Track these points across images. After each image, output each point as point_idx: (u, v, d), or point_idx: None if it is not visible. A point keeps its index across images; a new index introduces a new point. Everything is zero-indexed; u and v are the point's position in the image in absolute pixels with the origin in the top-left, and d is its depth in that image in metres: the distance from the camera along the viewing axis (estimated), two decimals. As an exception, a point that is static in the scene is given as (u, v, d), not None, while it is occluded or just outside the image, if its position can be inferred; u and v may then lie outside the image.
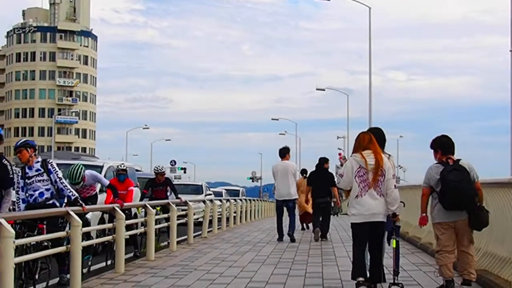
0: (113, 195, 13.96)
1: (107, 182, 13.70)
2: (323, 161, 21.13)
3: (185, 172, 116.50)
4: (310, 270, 12.70)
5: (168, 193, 21.64)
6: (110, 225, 13.24)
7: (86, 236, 13.11)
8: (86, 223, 12.93)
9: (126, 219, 15.29)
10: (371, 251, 9.98)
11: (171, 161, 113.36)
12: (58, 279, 11.15)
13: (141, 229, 15.76)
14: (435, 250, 10.19)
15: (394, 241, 10.00)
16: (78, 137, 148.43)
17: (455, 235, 9.70)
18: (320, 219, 20.52)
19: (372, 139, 9.90)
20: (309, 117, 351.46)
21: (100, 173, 18.99)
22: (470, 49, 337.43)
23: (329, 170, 21.99)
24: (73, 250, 10.22)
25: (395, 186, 9.85)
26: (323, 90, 76.13)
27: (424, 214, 9.94)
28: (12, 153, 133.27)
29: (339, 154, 16.63)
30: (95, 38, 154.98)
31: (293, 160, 21.37)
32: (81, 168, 12.83)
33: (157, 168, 19.49)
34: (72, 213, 10.27)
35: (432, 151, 10.02)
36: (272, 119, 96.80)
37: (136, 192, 20.40)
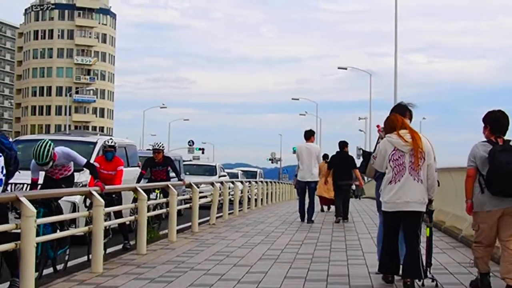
0: (92, 176, 11.47)
1: (83, 160, 11.17)
2: (343, 144, 21.54)
3: (203, 152, 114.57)
4: (333, 272, 10.21)
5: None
6: (86, 213, 10.82)
7: (60, 225, 10.73)
8: (58, 210, 10.55)
9: (117, 204, 13.02)
10: (406, 243, 8.82)
11: (189, 141, 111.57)
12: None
13: (131, 217, 13.27)
14: (473, 240, 8.96)
15: (428, 228, 8.99)
16: (96, 116, 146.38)
17: (498, 227, 8.54)
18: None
19: (405, 120, 9.03)
20: (329, 99, 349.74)
21: (93, 150, 16.75)
22: (491, 32, 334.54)
23: (349, 153, 22.34)
24: (24, 247, 7.80)
25: (436, 170, 8.81)
26: (345, 69, 74.06)
27: (470, 201, 8.64)
28: (29, 131, 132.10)
29: (377, 126, 14.92)
30: (113, 16, 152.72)
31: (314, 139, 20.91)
32: (49, 145, 10.33)
33: (154, 144, 17.13)
34: (23, 199, 7.83)
35: (483, 126, 8.78)
36: (293, 98, 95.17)
37: (135, 172, 17.95)
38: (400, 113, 9.28)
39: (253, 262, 11.23)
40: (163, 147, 17.10)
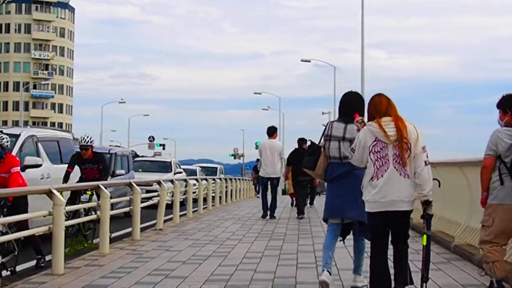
0: None
1: None
2: (301, 141, 21.49)
3: (164, 148, 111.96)
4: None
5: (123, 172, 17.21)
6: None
7: None
8: None
9: (19, 212, 10.26)
10: (394, 245, 7.60)
11: (149, 137, 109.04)
12: None
13: (43, 228, 10.44)
14: (481, 240, 7.86)
15: (425, 236, 7.58)
16: (54, 111, 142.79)
17: None
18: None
19: (391, 102, 7.63)
20: (293, 94, 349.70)
21: (15, 144, 14.12)
22: (449, 29, 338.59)
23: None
24: None
25: (426, 162, 7.40)
26: (309, 61, 71.31)
27: (486, 193, 7.79)
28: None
29: (355, 115, 12.81)
30: (72, 10, 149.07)
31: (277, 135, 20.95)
32: None
33: (80, 139, 14.39)
34: None
35: (498, 111, 7.91)
36: (255, 93, 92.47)
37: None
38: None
39: (196, 286, 8.67)
40: (91, 142, 14.37)
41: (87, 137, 14.29)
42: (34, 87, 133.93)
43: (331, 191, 8.57)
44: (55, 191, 9.90)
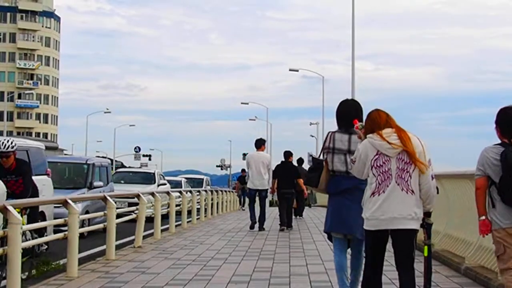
0: None
1: None
2: (288, 154, 21.90)
3: (150, 159, 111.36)
4: None
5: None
6: None
7: None
8: None
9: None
10: (399, 271, 6.93)
11: (135, 148, 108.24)
12: None
13: None
14: (499, 268, 7.06)
15: (426, 247, 7.13)
16: (39, 122, 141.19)
17: None
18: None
19: (390, 116, 7.13)
20: (280, 106, 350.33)
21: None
22: (436, 40, 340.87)
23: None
24: None
25: (432, 176, 6.92)
26: (297, 71, 70.86)
27: (483, 218, 6.94)
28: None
29: (354, 121, 12.21)
30: (58, 19, 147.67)
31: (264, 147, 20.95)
32: None
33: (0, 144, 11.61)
34: None
35: (495, 127, 7.10)
36: (242, 103, 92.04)
37: (41, 183, 13.88)
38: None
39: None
40: (13, 148, 11.65)
41: (8, 141, 11.57)
42: (19, 97, 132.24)
43: (335, 205, 7.96)
44: (10, 208, 8.56)
